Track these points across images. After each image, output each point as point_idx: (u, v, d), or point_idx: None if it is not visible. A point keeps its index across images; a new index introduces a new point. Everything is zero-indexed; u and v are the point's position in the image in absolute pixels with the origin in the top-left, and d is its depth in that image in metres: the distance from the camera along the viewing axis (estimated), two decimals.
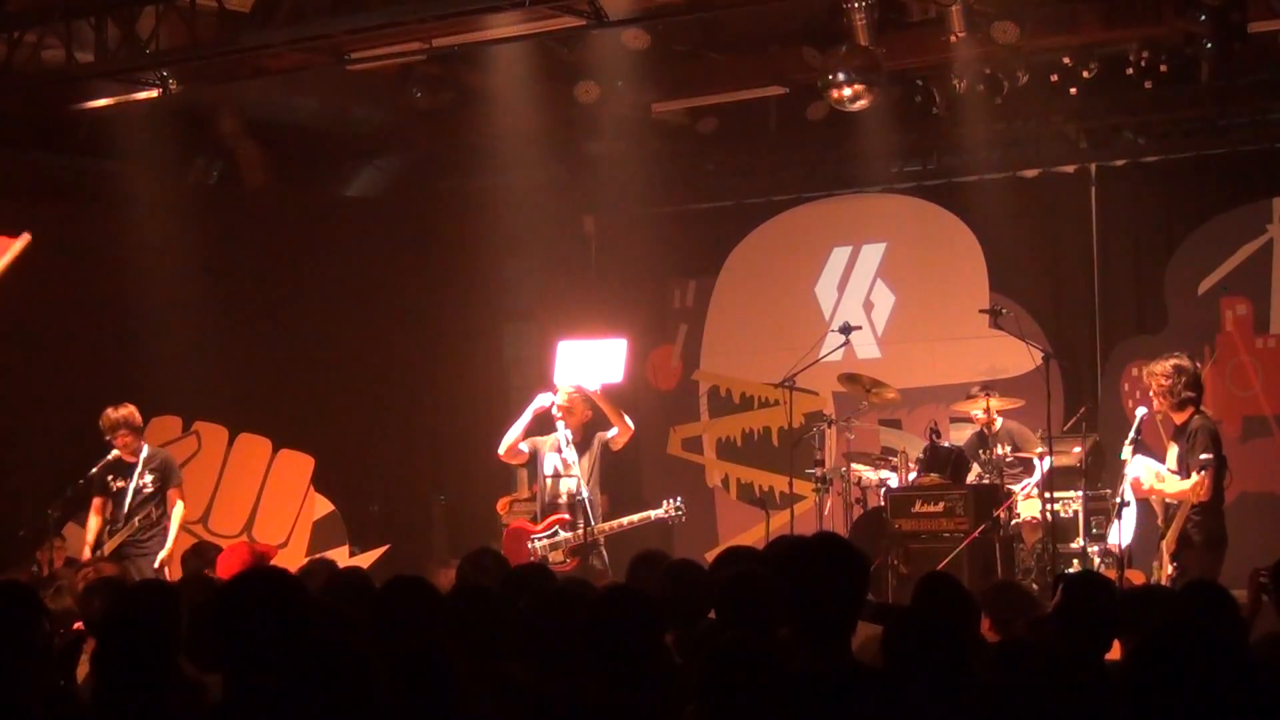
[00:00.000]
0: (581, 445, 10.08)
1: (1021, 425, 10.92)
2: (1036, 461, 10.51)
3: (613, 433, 10.12)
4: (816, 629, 3.96)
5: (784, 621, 4.04)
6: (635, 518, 10.14)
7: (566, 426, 10.04)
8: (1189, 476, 8.74)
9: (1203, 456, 8.68)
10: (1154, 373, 8.98)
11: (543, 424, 10.29)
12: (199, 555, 9.01)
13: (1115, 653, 4.74)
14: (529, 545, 9.91)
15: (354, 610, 4.97)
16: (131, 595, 5.57)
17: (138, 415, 10.20)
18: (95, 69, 10.61)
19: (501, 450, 10.32)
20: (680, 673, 4.57)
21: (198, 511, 11.62)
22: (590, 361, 10.41)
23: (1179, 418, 8.94)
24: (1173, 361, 8.94)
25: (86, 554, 9.83)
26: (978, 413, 10.95)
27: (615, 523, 10.04)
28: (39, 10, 10.43)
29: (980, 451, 10.82)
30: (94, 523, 10.14)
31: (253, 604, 3.87)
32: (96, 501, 10.16)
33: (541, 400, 10.15)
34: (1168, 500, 8.86)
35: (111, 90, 11.22)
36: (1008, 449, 10.70)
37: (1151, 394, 9.05)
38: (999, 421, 10.87)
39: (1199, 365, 9.37)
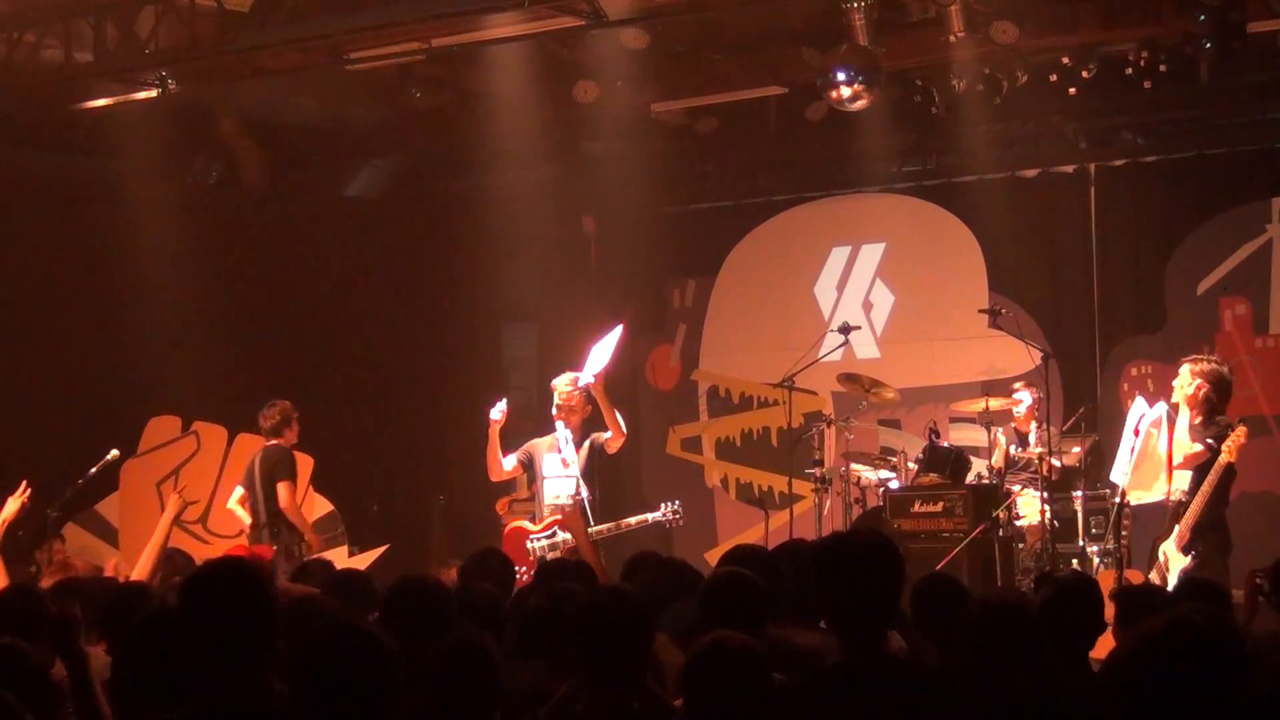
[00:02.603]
0: (579, 444, 10.01)
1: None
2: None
3: (607, 435, 10.04)
4: (853, 624, 3.94)
5: (776, 619, 4.02)
6: (633, 520, 10.09)
7: (567, 426, 9.97)
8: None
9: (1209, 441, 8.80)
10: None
11: (541, 425, 10.25)
12: (170, 562, 8.99)
13: (1099, 651, 4.74)
14: (528, 546, 9.87)
15: (350, 610, 4.97)
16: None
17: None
18: (94, 69, 10.63)
19: (491, 476, 10.25)
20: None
21: (196, 511, 11.65)
22: (594, 355, 10.26)
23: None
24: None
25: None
26: (1020, 410, 11.04)
27: (613, 525, 10.00)
28: (39, 10, 10.44)
29: (1017, 449, 10.86)
30: (244, 516, 10.47)
31: (219, 599, 3.79)
32: (242, 494, 10.49)
33: (493, 414, 9.96)
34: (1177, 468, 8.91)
35: (111, 90, 11.24)
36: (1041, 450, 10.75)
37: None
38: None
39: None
